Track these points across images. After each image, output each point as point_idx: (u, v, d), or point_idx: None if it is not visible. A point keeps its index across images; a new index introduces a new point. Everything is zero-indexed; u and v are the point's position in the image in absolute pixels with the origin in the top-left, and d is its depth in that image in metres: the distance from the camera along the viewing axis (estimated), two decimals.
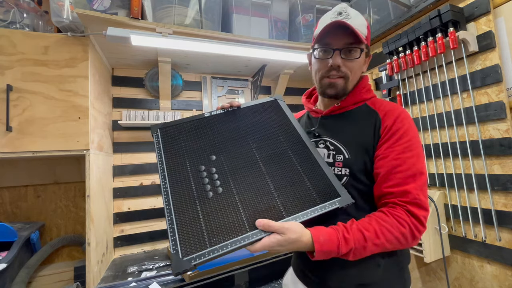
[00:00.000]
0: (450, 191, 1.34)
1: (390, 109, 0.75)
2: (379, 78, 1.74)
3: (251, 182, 0.73)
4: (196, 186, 0.72)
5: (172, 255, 0.60)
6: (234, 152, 0.80)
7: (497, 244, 1.15)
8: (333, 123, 0.82)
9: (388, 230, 0.63)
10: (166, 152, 0.80)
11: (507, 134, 1.11)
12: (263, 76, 1.98)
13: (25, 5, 1.31)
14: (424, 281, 1.48)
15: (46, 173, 1.62)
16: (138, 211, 1.74)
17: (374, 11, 1.73)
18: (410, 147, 0.69)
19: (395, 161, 0.68)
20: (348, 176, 0.74)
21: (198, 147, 0.81)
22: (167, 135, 0.84)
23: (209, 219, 0.66)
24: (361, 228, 0.64)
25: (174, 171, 0.76)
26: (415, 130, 0.72)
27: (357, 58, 0.76)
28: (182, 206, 0.68)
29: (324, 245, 0.61)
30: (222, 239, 0.62)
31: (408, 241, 0.65)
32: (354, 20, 0.74)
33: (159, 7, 1.43)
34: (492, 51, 1.16)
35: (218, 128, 0.87)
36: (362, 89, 0.81)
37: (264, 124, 0.88)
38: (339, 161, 0.76)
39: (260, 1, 1.67)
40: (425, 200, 0.67)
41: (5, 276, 1.19)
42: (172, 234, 0.63)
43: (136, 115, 1.71)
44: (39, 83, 1.20)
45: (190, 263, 0.59)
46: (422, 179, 0.68)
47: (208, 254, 0.60)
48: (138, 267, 1.42)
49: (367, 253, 0.64)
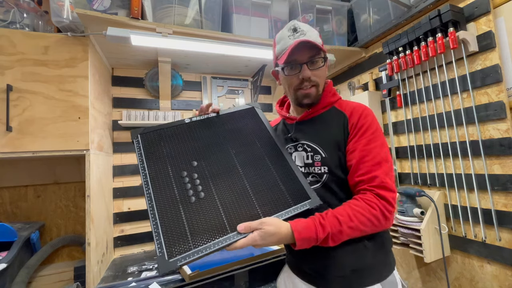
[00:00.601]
0: (450, 191, 1.34)
1: (354, 108, 0.84)
2: (379, 78, 1.74)
3: (231, 186, 0.78)
4: (178, 191, 0.75)
5: (158, 258, 0.63)
6: (215, 157, 0.84)
7: (497, 244, 1.15)
8: (307, 127, 0.90)
9: (360, 213, 0.70)
10: (147, 158, 0.81)
11: (507, 134, 1.11)
12: (263, 76, 1.98)
13: (25, 5, 1.31)
14: (424, 281, 1.48)
15: (46, 173, 1.62)
16: (138, 211, 1.74)
17: (374, 11, 1.73)
18: (374, 139, 0.78)
19: (362, 152, 0.77)
20: (327, 173, 0.82)
21: (179, 153, 0.84)
22: (148, 141, 0.85)
23: (193, 222, 0.69)
24: (336, 213, 0.71)
25: (157, 176, 0.77)
26: (377, 123, 0.82)
27: (321, 67, 0.85)
28: (166, 211, 0.71)
29: (302, 233, 0.67)
30: (205, 240, 0.66)
31: (380, 221, 0.72)
32: (310, 34, 0.84)
33: (159, 7, 1.43)
34: (492, 51, 1.16)
35: (199, 134, 0.89)
36: (328, 93, 0.89)
37: (242, 131, 0.92)
38: (318, 161, 0.83)
39: (260, 1, 1.67)
40: (391, 183, 0.75)
41: (5, 276, 1.19)
42: (158, 237, 0.66)
43: (136, 115, 1.71)
44: (39, 83, 1.20)
45: (176, 264, 0.62)
46: (386, 165, 0.76)
47: (193, 255, 0.63)
48: (138, 267, 1.42)
49: (344, 236, 0.70)
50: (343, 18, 1.89)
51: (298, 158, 0.88)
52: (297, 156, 0.88)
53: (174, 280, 1.27)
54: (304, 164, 0.86)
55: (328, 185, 0.81)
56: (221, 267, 1.23)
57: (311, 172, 0.84)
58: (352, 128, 0.81)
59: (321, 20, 1.83)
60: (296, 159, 0.88)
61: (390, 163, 0.78)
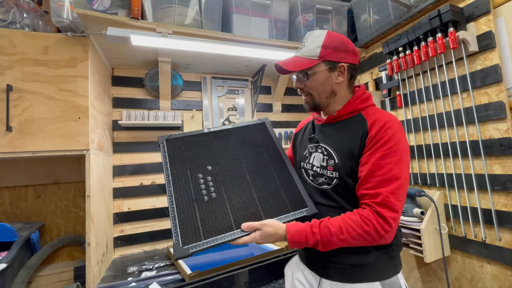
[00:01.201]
0: (450, 191, 1.34)
1: (377, 119, 0.81)
2: (379, 78, 1.74)
3: (239, 190, 0.90)
4: (194, 190, 0.88)
5: (174, 244, 0.75)
6: (227, 164, 0.96)
7: (497, 244, 1.15)
8: (329, 131, 0.92)
9: (352, 228, 0.73)
10: (171, 160, 0.95)
11: (507, 134, 1.11)
12: (263, 76, 1.98)
13: (25, 5, 1.31)
14: (424, 281, 1.48)
15: (46, 173, 1.62)
16: (138, 211, 1.74)
17: (374, 11, 1.73)
18: (389, 154, 0.75)
19: (373, 166, 0.76)
20: (337, 179, 0.84)
21: (197, 158, 0.97)
22: (172, 146, 1.00)
23: (204, 218, 0.82)
24: (329, 224, 0.75)
25: (177, 177, 0.91)
26: (399, 138, 0.77)
27: (307, 80, 0.87)
28: (183, 206, 0.84)
29: (294, 236, 0.76)
30: (213, 234, 0.78)
31: (374, 238, 0.72)
32: (307, 46, 0.87)
33: (159, 7, 1.43)
34: (492, 51, 1.16)
35: (215, 143, 1.03)
36: (357, 99, 0.88)
37: (252, 143, 1.04)
38: (331, 165, 0.86)
39: (260, 1, 1.67)
40: (396, 202, 0.72)
41: (5, 276, 1.19)
42: (175, 228, 0.78)
43: (136, 115, 1.71)
44: (39, 83, 1.20)
45: (188, 251, 0.74)
46: (396, 183, 0.74)
47: (202, 245, 0.76)
48: (138, 267, 1.42)
49: (334, 245, 0.74)
50: (343, 18, 1.89)
51: (316, 158, 0.92)
52: (316, 156, 0.92)
53: (174, 280, 1.27)
54: (320, 165, 0.89)
55: (338, 190, 0.84)
56: (221, 267, 1.23)
57: (324, 175, 0.88)
58: (369, 139, 0.79)
59: (321, 20, 1.83)
60: (315, 159, 0.92)
61: (402, 182, 0.74)
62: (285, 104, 2.27)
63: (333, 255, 0.83)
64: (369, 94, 0.91)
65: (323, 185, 0.88)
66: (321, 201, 0.89)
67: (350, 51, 0.87)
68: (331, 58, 0.85)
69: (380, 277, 0.80)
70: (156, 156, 1.82)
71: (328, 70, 0.86)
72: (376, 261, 0.81)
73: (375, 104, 0.92)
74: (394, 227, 0.72)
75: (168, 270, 1.38)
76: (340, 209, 0.83)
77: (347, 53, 0.87)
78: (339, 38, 0.87)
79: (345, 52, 0.86)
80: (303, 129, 1.06)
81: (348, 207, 0.82)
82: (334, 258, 0.83)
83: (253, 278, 1.25)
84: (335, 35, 0.87)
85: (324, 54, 0.85)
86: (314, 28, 1.79)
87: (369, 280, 0.80)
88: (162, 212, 1.79)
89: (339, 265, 0.82)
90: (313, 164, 0.92)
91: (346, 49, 0.86)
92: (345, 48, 0.86)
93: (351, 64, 0.88)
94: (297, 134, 1.09)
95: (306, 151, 0.97)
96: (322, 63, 0.85)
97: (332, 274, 0.84)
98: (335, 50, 0.85)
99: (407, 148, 0.79)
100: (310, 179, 0.93)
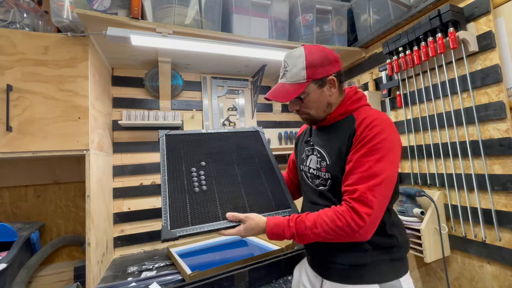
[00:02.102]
0: (450, 191, 1.34)
1: (365, 118, 0.81)
2: (379, 78, 1.74)
3: (229, 186, 0.97)
4: (187, 182, 0.95)
5: (163, 227, 0.81)
6: (221, 163, 1.05)
7: (497, 244, 1.15)
8: (323, 134, 0.94)
9: (325, 222, 0.76)
10: (168, 153, 1.02)
11: (507, 134, 1.11)
12: (263, 76, 1.98)
13: (25, 5, 1.31)
14: (424, 281, 1.48)
15: (46, 173, 1.62)
16: (138, 211, 1.74)
17: (374, 11, 1.73)
18: (372, 152, 0.75)
19: (355, 163, 0.77)
20: (330, 179, 0.86)
21: (193, 154, 1.05)
22: (171, 141, 1.07)
23: (193, 206, 0.89)
24: (305, 219, 0.79)
25: (173, 168, 0.98)
26: (386, 136, 0.76)
27: (302, 103, 0.88)
28: (175, 194, 0.91)
29: (273, 228, 0.82)
30: (201, 222, 0.85)
31: (347, 233, 0.73)
32: (291, 71, 0.86)
33: (159, 7, 1.43)
34: (492, 51, 1.16)
35: (211, 143, 1.11)
36: (347, 101, 0.89)
37: (246, 147, 1.14)
38: (324, 167, 0.88)
39: (260, 1, 1.67)
40: (372, 199, 0.72)
41: (5, 276, 1.19)
42: (165, 212, 0.85)
43: (136, 115, 1.71)
44: (39, 83, 1.20)
45: (175, 234, 0.80)
46: (375, 180, 0.73)
47: (189, 230, 0.82)
48: (138, 267, 1.42)
49: (309, 239, 0.78)
50: (343, 18, 1.89)
51: (312, 161, 0.93)
52: (312, 159, 0.94)
53: (174, 280, 1.27)
54: (316, 167, 0.91)
55: (333, 190, 0.86)
56: (221, 267, 1.23)
57: (320, 176, 0.89)
58: (356, 138, 0.80)
59: (321, 20, 1.83)
60: (311, 162, 0.94)
61: (383, 179, 0.74)
62: (285, 104, 2.27)
63: (332, 255, 0.84)
64: (361, 94, 0.91)
65: (320, 186, 0.90)
66: (319, 202, 0.90)
67: (333, 61, 0.86)
68: (318, 75, 0.84)
69: (378, 279, 0.79)
70: (156, 156, 1.82)
71: (318, 88, 0.86)
72: (374, 263, 0.80)
73: (369, 104, 0.92)
74: (368, 222, 0.72)
75: (168, 270, 1.38)
76: None
77: (331, 65, 0.86)
78: (319, 52, 0.86)
79: (328, 64, 0.85)
80: (303, 133, 1.08)
81: None
82: (333, 258, 0.84)
83: (253, 278, 1.25)
84: (314, 50, 0.86)
85: (310, 74, 0.84)
86: (314, 28, 1.79)
87: (368, 282, 0.79)
88: None
89: (338, 265, 0.83)
90: (310, 166, 0.94)
91: (329, 61, 0.85)
92: (327, 60, 0.85)
93: (337, 72, 0.87)
94: (298, 138, 1.11)
95: (304, 154, 0.99)
96: (311, 83, 0.85)
97: (332, 275, 0.85)
98: (320, 67, 0.84)
99: (395, 146, 0.78)
100: (309, 181, 0.95)
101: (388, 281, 0.79)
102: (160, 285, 1.20)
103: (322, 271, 0.89)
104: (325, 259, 0.87)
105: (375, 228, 0.75)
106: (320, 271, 0.90)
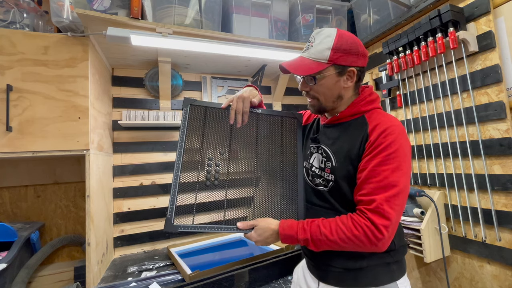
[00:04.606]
0: (450, 191, 1.34)
1: (379, 123, 0.78)
2: (379, 78, 1.74)
3: (240, 188, 0.94)
4: (200, 172, 0.91)
5: (167, 218, 0.83)
6: (240, 157, 0.96)
7: (497, 244, 1.15)
8: (330, 132, 0.89)
9: (342, 231, 0.72)
10: (189, 130, 0.93)
11: (507, 134, 1.11)
12: (263, 76, 1.98)
13: (25, 5, 1.31)
14: (424, 281, 1.48)
15: (46, 173, 1.62)
16: (138, 211, 1.74)
17: (374, 11, 1.72)
18: (387, 161, 0.73)
19: (370, 172, 0.74)
20: (333, 182, 0.83)
21: (214, 138, 0.95)
22: (195, 113, 0.94)
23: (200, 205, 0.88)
24: (320, 224, 0.76)
25: (190, 151, 0.92)
26: (400, 145, 0.74)
27: (314, 84, 0.83)
28: (185, 186, 0.88)
29: (286, 230, 0.79)
30: (203, 222, 0.87)
31: (365, 244, 0.71)
32: (315, 47, 0.81)
33: (159, 7, 1.43)
34: (492, 51, 1.16)
35: (237, 127, 0.95)
36: (361, 101, 0.85)
37: (273, 139, 0.99)
38: (328, 168, 0.85)
39: (260, 1, 1.67)
40: (389, 210, 0.70)
41: (5, 276, 1.19)
42: (172, 204, 0.84)
43: (136, 115, 1.71)
44: (39, 83, 1.20)
45: (177, 228, 0.83)
46: (392, 191, 0.71)
47: (191, 228, 0.84)
48: (138, 267, 1.42)
49: (324, 246, 0.75)
50: (343, 18, 1.89)
51: (316, 159, 0.91)
52: (316, 157, 0.91)
53: (174, 280, 1.27)
54: (319, 167, 0.89)
55: (333, 192, 0.84)
56: (221, 267, 1.23)
57: (322, 176, 0.87)
58: (369, 145, 0.76)
59: (321, 20, 1.83)
60: (315, 160, 0.91)
61: (399, 190, 0.71)
62: (285, 104, 2.27)
63: (328, 258, 0.83)
64: (376, 96, 0.87)
65: (320, 186, 0.88)
66: (316, 202, 0.89)
67: (360, 54, 0.82)
68: (341, 62, 0.80)
69: (374, 283, 0.79)
70: (156, 156, 1.82)
71: (337, 75, 0.82)
72: (370, 267, 0.79)
73: (381, 107, 0.89)
74: (387, 235, 0.69)
75: (168, 270, 1.38)
76: (334, 210, 0.83)
77: (357, 56, 0.81)
78: (350, 40, 0.81)
79: (355, 55, 0.81)
80: (309, 125, 1.02)
81: (342, 210, 0.81)
82: (329, 261, 0.83)
83: (253, 278, 1.25)
84: (346, 36, 0.81)
85: (334, 57, 0.79)
86: (314, 28, 1.79)
87: (363, 285, 0.79)
88: (162, 212, 1.79)
89: (333, 268, 0.82)
90: (313, 164, 0.91)
91: (357, 52, 0.81)
92: (356, 51, 0.81)
93: (360, 67, 0.83)
94: (305, 127, 1.04)
95: (308, 150, 0.96)
96: (331, 67, 0.80)
97: (327, 278, 0.84)
98: (346, 54, 0.80)
99: (408, 155, 0.76)
100: (309, 178, 0.93)
101: (384, 284, 0.79)
102: (160, 285, 1.20)
103: (318, 273, 0.88)
104: (322, 262, 0.86)
105: (392, 239, 0.73)
106: (317, 274, 0.89)
